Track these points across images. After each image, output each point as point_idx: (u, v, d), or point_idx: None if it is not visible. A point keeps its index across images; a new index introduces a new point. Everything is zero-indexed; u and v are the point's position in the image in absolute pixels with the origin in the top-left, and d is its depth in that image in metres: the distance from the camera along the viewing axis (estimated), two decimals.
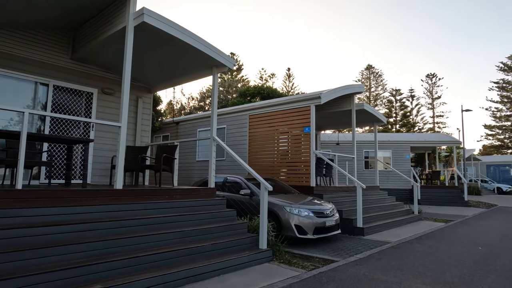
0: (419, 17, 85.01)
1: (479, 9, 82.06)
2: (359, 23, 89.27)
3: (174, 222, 5.26)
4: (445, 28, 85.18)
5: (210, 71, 6.94)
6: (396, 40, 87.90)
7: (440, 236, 8.51)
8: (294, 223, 6.79)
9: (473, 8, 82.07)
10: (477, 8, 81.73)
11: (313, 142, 9.50)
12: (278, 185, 8.86)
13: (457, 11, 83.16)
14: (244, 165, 6.13)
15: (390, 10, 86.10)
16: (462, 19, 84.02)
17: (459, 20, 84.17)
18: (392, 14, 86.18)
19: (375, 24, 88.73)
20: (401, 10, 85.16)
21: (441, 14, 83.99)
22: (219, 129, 12.22)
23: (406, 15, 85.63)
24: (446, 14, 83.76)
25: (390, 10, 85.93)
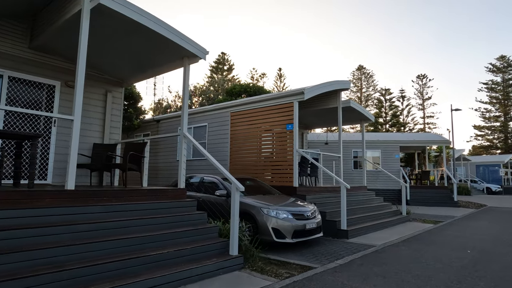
0: (410, 19, 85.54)
1: (469, 11, 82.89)
2: (351, 24, 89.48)
3: (134, 226, 4.73)
4: (436, 29, 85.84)
5: (181, 62, 6.42)
6: (388, 42, 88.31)
7: (428, 238, 8.11)
8: (271, 226, 6.30)
9: (463, 10, 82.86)
10: (467, 10, 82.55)
11: (296, 140, 9.04)
12: (258, 186, 8.38)
13: (448, 13, 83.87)
14: (215, 163, 5.63)
15: (381, 12, 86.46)
16: (452, 21, 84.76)
17: (449, 21, 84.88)
18: (384, 16, 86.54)
19: (366, 26, 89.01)
20: (393, 13, 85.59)
21: (432, 16, 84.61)
22: (200, 127, 11.70)
23: (398, 17, 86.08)
24: (437, 16, 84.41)
25: (381, 12, 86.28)
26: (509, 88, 56.53)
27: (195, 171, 11.31)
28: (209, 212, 7.20)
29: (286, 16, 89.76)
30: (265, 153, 9.88)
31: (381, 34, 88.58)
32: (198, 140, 11.70)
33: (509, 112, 56.33)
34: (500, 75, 57.94)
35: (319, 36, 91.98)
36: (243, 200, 6.85)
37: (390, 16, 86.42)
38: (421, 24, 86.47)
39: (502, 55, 58.08)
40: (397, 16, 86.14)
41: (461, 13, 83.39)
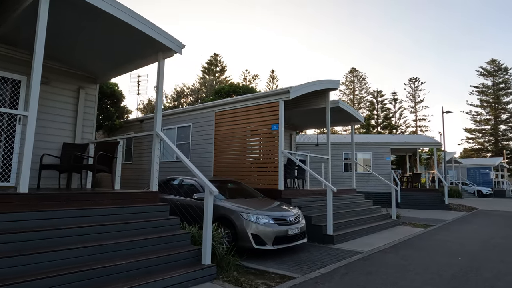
0: (403, 23, 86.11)
1: (461, 15, 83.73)
2: (344, 28, 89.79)
3: (94, 234, 4.29)
4: (429, 33, 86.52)
5: (156, 56, 6.00)
6: (380, 45, 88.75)
7: (417, 244, 7.77)
8: (251, 232, 5.90)
9: (455, 15, 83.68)
10: (459, 14, 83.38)
11: (281, 141, 8.66)
12: (240, 189, 7.97)
13: (441, 17, 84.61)
14: (189, 165, 5.21)
15: (375, 16, 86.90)
16: (445, 24, 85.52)
17: (442, 25, 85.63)
18: (377, 19, 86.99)
19: (360, 28, 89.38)
20: (386, 16, 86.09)
21: (425, 20, 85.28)
22: (184, 127, 11.26)
23: (390, 20, 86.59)
24: (430, 20, 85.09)
25: (375, 15, 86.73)
26: (500, 92, 57.03)
27: (178, 173, 10.86)
28: (188, 217, 6.78)
29: (280, 19, 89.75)
30: (250, 154, 9.48)
31: (374, 37, 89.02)
32: (182, 141, 11.28)
33: (499, 115, 56.79)
34: (490, 78, 58.44)
35: (313, 39, 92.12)
36: (222, 204, 6.44)
37: (383, 20, 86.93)
38: (414, 27, 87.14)
39: (492, 59, 58.65)
40: (390, 19, 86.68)
41: (453, 17, 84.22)
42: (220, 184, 7.90)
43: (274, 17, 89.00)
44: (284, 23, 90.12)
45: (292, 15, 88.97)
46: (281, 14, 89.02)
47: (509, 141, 56.08)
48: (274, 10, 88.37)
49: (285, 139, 13.42)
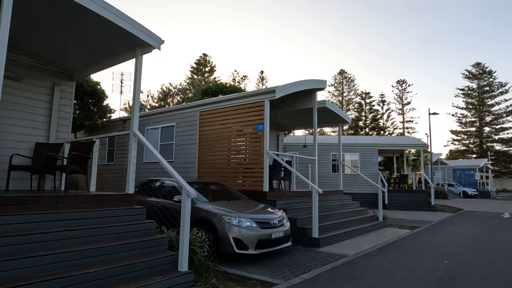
0: (392, 26, 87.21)
1: (448, 19, 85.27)
2: (333, 30, 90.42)
3: (63, 239, 3.99)
4: (417, 36, 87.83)
5: (134, 52, 5.72)
6: (369, 48, 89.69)
7: (404, 246, 7.66)
8: (232, 236, 5.66)
9: (442, 17, 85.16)
10: (447, 18, 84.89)
11: (267, 141, 8.45)
12: (224, 190, 7.74)
13: (428, 20, 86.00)
14: (166, 165, 4.96)
15: (363, 18, 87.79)
16: (432, 28, 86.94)
17: (430, 28, 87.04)
18: (366, 21, 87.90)
19: (348, 31, 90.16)
20: (375, 19, 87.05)
21: (412, 23, 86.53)
22: (168, 127, 10.96)
23: (379, 23, 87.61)
24: (418, 23, 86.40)
25: (363, 18, 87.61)
26: (484, 94, 58.17)
27: (163, 175, 10.54)
28: (168, 220, 6.51)
29: (271, 22, 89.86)
30: (236, 155, 9.25)
31: (363, 39, 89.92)
32: (166, 141, 10.97)
33: (484, 117, 57.93)
34: (475, 81, 59.59)
35: (302, 41, 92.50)
36: (203, 207, 6.20)
37: (372, 22, 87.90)
38: (402, 30, 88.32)
39: (477, 62, 59.86)
40: (378, 22, 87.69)
41: (440, 20, 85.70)
42: (203, 185, 7.66)
43: (266, 20, 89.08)
44: (275, 26, 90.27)
45: (283, 18, 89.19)
46: (272, 17, 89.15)
47: (493, 143, 57.26)
48: (266, 14, 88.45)
49: (271, 139, 13.23)
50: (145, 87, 58.80)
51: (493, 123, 57.39)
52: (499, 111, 56.71)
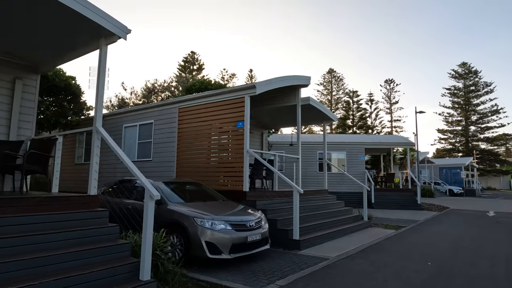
0: (380, 25, 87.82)
1: (435, 19, 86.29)
2: (322, 30, 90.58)
3: (10, 247, 3.58)
4: (405, 36, 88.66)
5: (98, 43, 5.30)
6: (358, 47, 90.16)
7: (388, 247, 7.42)
8: (205, 240, 5.30)
9: (430, 18, 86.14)
10: (434, 18, 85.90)
11: (247, 139, 8.10)
12: (200, 191, 7.37)
13: (416, 20, 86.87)
14: (128, 164, 4.57)
15: (354, 19, 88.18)
16: (420, 27, 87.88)
17: (417, 28, 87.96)
18: (354, 21, 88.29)
19: (338, 30, 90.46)
20: (363, 18, 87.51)
21: (400, 23, 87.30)
22: (146, 124, 10.51)
23: (368, 22, 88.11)
24: (405, 24, 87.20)
25: (352, 17, 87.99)
26: (470, 94, 58.95)
27: (145, 174, 10.10)
28: (139, 223, 6.11)
29: (260, 22, 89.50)
30: (215, 153, 8.87)
31: (353, 39, 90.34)
32: (144, 139, 10.52)
33: (469, 116, 58.71)
34: (462, 81, 60.34)
35: (292, 40, 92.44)
36: (175, 208, 5.82)
37: (360, 21, 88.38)
38: (390, 30, 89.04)
39: (463, 62, 60.64)
40: (367, 21, 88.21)
41: (428, 20, 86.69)
42: (178, 185, 7.28)
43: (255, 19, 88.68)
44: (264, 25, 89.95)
45: (273, 18, 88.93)
46: (261, 18, 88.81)
47: (479, 142, 58.10)
48: (259, 15, 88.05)
49: (255, 138, 12.90)
50: (129, 84, 57.88)
51: (478, 122, 58.21)
52: (484, 110, 57.56)
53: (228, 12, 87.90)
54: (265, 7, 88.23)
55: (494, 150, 57.74)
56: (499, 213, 16.08)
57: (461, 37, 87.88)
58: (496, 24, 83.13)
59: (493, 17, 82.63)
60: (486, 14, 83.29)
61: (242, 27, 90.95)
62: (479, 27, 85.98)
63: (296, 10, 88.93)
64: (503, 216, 14.76)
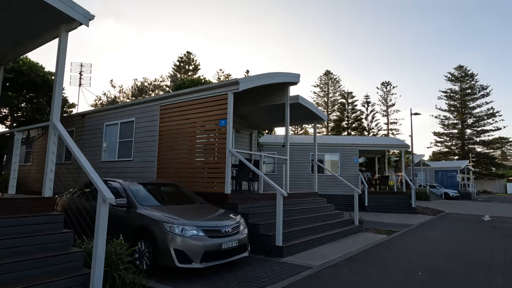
0: (377, 29, 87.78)
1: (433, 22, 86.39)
2: (318, 32, 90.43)
3: None
4: (401, 39, 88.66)
5: (57, 30, 4.83)
6: (354, 50, 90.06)
7: (377, 255, 6.96)
8: (173, 247, 4.82)
9: (429, 20, 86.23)
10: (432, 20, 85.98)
11: (229, 138, 7.65)
12: (177, 193, 6.90)
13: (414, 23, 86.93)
14: (82, 162, 4.09)
15: (349, 22, 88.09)
16: (417, 31, 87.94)
17: (414, 31, 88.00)
18: (350, 24, 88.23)
19: (335, 34, 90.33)
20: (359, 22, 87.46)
21: (397, 27, 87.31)
22: (127, 122, 10.02)
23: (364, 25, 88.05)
24: (402, 27, 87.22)
25: (349, 21, 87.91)
26: (466, 97, 58.83)
27: (120, 175, 9.63)
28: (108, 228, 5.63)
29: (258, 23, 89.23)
30: (198, 153, 8.39)
31: (349, 42, 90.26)
32: (125, 138, 10.03)
33: (465, 120, 58.56)
34: (458, 84, 60.23)
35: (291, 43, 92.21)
36: (144, 212, 5.34)
37: (356, 25, 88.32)
38: (387, 32, 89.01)
39: (460, 65, 60.52)
40: (363, 24, 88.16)
41: (425, 23, 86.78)
42: (153, 187, 6.81)
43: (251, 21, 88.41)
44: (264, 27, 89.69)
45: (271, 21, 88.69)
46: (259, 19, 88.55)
47: (475, 145, 57.94)
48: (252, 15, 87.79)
49: (244, 138, 12.45)
50: (117, 82, 57.20)
51: (474, 126, 58.08)
52: (480, 113, 57.44)
53: (228, 14, 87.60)
54: (262, 10, 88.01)
55: (490, 154, 57.61)
56: (495, 217, 15.70)
57: (458, 40, 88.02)
58: (492, 27, 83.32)
59: (489, 21, 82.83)
60: (482, 18, 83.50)
61: (239, 28, 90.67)
62: (475, 31, 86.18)
63: (297, 12, 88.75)
64: (499, 220, 14.38)
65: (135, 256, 5.18)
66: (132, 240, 5.26)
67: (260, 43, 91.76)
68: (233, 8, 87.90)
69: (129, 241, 5.23)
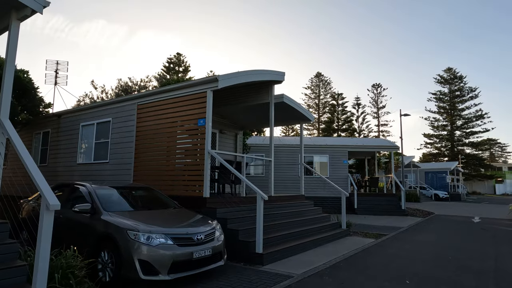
0: (368, 31, 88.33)
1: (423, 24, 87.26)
2: (311, 34, 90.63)
3: None
4: (390, 41, 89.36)
5: (8, 18, 4.37)
6: (346, 52, 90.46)
7: (364, 261, 6.60)
8: (138, 257, 4.37)
9: (418, 22, 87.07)
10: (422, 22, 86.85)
11: (208, 138, 7.22)
12: (150, 197, 6.45)
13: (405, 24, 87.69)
14: (27, 163, 3.62)
15: (341, 24, 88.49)
16: (407, 33, 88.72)
17: (404, 34, 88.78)
18: (343, 27, 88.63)
19: (328, 35, 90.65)
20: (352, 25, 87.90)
21: (388, 27, 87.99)
22: (104, 123, 9.52)
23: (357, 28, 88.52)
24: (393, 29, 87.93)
25: (341, 23, 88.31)
26: (455, 99, 59.31)
27: (96, 178, 9.12)
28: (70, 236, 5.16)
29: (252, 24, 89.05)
30: (176, 154, 7.94)
31: (340, 43, 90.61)
32: (101, 139, 9.52)
33: (455, 121, 59.02)
34: (447, 86, 60.70)
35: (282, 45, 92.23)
36: (108, 219, 4.88)
37: (349, 28, 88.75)
38: (377, 34, 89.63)
39: (449, 67, 61.01)
40: (356, 27, 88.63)
41: (416, 24, 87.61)
42: (125, 191, 6.35)
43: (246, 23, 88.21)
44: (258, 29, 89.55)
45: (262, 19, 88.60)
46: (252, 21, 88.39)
47: (464, 146, 58.40)
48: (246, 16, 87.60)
49: (229, 139, 12.03)
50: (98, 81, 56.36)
51: (463, 127, 58.55)
52: (469, 115, 57.93)
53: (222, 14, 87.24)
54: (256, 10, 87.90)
55: (479, 155, 58.13)
56: (484, 219, 15.54)
57: (447, 42, 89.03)
58: (482, 28, 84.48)
59: (479, 22, 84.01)
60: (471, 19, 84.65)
61: (235, 29, 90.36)
62: (465, 32, 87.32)
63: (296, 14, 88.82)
64: (488, 222, 14.20)
65: (98, 267, 4.72)
66: (95, 250, 4.82)
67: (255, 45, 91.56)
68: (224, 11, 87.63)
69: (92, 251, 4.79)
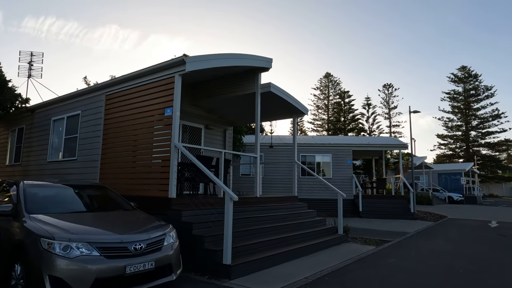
0: (379, 31, 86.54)
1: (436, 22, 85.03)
2: (321, 35, 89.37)
3: None
4: (404, 40, 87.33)
5: None
6: (356, 52, 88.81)
7: (355, 275, 5.51)
8: (49, 273, 3.42)
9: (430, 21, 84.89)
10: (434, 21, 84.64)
11: (175, 130, 6.26)
12: (101, 197, 5.53)
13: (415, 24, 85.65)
14: None
15: (351, 24, 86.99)
16: (419, 31, 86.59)
17: (416, 32, 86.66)
18: (353, 26, 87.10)
19: (336, 37, 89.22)
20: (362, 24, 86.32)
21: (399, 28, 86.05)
22: (73, 116, 8.67)
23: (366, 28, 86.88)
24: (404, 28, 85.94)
25: (351, 23, 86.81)
26: (470, 98, 57.08)
27: (64, 177, 8.28)
28: None
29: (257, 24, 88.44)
30: (141, 150, 7.01)
31: (351, 44, 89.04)
32: (71, 134, 8.68)
33: (470, 121, 56.76)
34: (461, 85, 58.50)
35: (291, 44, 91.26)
36: (26, 223, 3.95)
37: (359, 27, 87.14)
38: (389, 35, 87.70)
39: (463, 65, 58.83)
40: (366, 27, 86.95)
41: (428, 23, 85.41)
42: (72, 190, 5.43)
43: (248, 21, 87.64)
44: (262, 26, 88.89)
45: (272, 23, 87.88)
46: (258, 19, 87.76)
47: (480, 147, 56.04)
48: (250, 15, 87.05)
49: (216, 135, 11.07)
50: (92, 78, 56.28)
51: (479, 127, 56.23)
52: (485, 115, 55.61)
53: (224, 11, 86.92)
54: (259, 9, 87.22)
55: (496, 156, 55.62)
56: (503, 223, 14.10)
57: (461, 40, 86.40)
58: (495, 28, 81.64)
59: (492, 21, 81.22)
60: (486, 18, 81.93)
61: (235, 30, 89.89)
62: (479, 31, 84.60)
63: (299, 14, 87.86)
64: (507, 227, 12.80)
65: (11, 283, 3.80)
66: (10, 261, 3.90)
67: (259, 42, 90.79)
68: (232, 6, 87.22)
69: (6, 263, 3.88)
